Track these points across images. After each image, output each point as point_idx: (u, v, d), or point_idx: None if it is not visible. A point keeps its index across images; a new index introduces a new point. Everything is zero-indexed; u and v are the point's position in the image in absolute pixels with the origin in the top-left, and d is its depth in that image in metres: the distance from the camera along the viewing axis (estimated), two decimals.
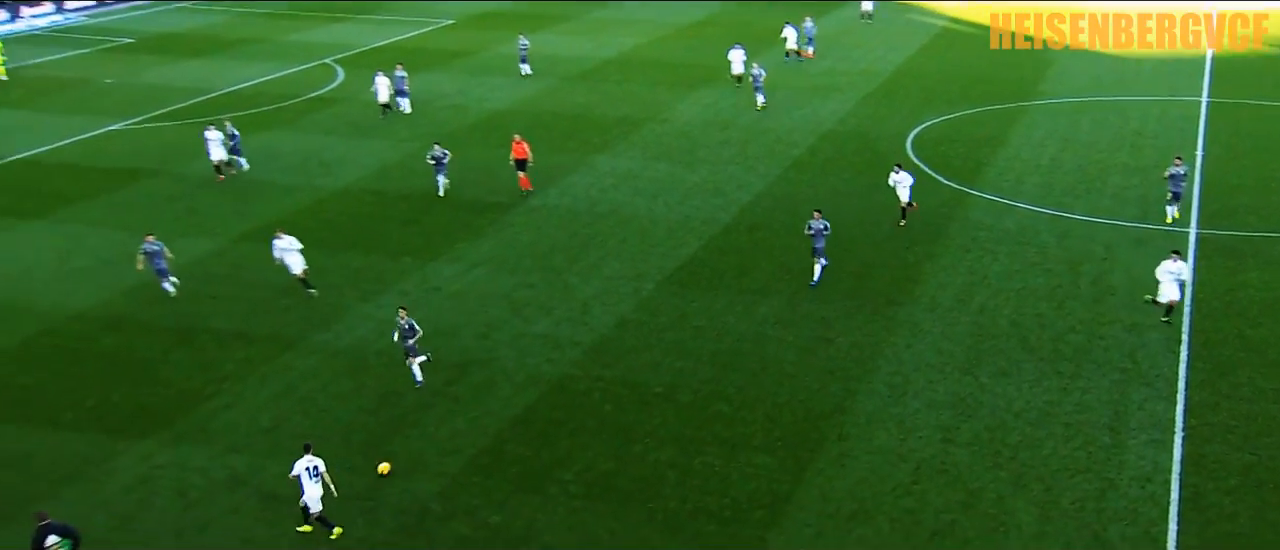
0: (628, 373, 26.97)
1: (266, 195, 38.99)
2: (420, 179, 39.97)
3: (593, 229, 35.74)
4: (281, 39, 65.08)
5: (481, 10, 73.89)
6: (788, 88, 52.45)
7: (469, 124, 47.28)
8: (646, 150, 43.58)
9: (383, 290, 31.37)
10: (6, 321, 29.71)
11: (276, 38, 65.42)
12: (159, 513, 21.85)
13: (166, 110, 49.73)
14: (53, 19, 71.24)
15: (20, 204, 38.00)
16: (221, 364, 27.41)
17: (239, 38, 65.31)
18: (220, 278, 32.16)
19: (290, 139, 45.36)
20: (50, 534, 19.18)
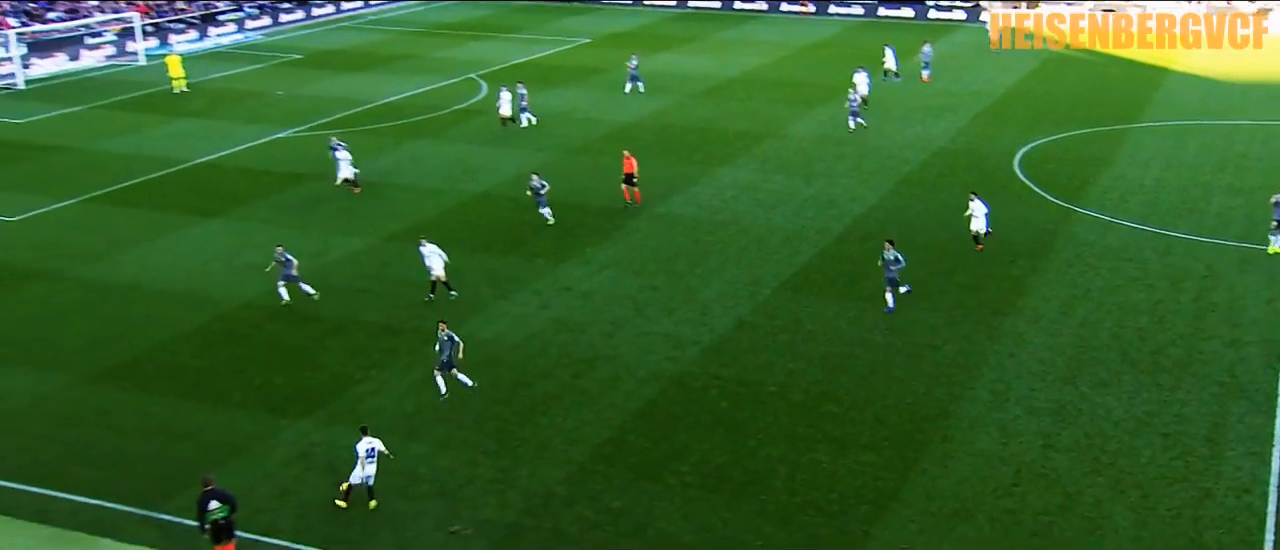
0: (743, 372, 26.88)
1: (414, 199, 39.74)
2: (555, 186, 40.33)
3: (714, 236, 35.70)
4: (430, 55, 66.26)
5: (616, 30, 74.32)
6: (902, 106, 51.76)
7: (601, 135, 47.59)
8: (766, 163, 43.39)
9: (518, 289, 31.75)
10: (185, 309, 30.76)
11: (426, 54, 66.64)
12: (313, 486, 22.41)
13: (328, 120, 51.00)
14: (235, 37, 73.56)
15: (202, 203, 39.30)
16: (370, 352, 28.01)
17: (393, 54, 66.68)
18: (370, 274, 32.86)
19: (437, 147, 46.16)
20: (212, 499, 19.83)
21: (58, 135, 49.01)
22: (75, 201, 39.62)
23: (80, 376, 26.94)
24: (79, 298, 31.52)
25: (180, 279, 32.78)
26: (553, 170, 42.20)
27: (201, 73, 61.90)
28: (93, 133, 49.24)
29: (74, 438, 24.24)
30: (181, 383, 26.64)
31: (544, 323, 29.55)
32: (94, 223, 37.36)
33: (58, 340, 28.85)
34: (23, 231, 36.77)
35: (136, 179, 42.19)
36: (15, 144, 47.69)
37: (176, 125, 50.33)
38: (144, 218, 37.89)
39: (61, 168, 43.93)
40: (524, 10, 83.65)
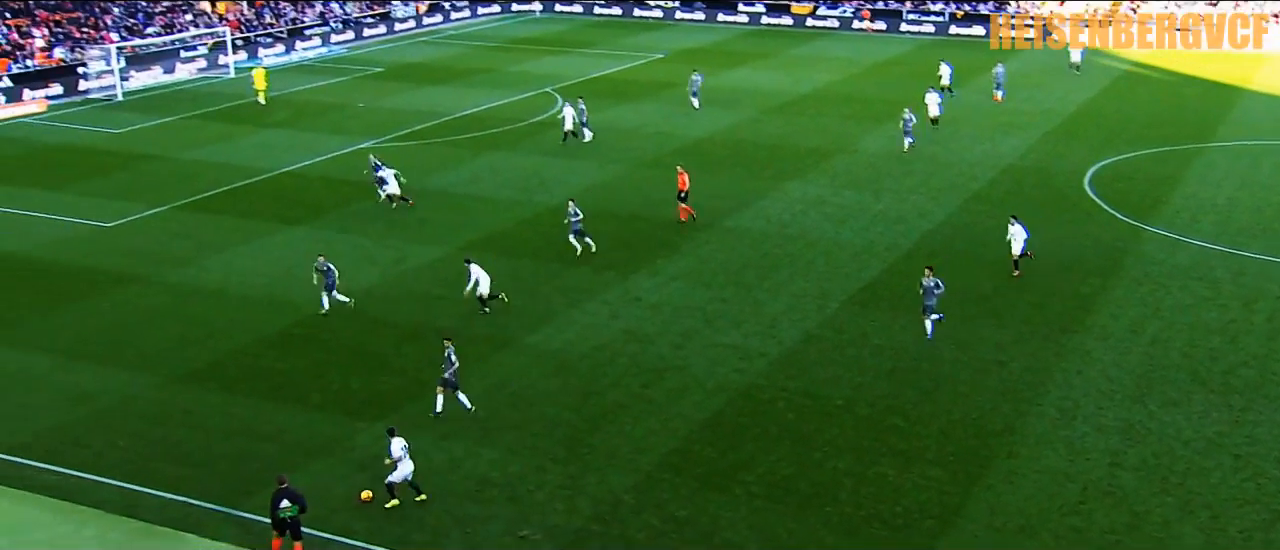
0: (810, 384, 26.69)
1: (489, 209, 40.03)
2: (626, 199, 40.45)
3: (783, 250, 35.52)
4: (507, 70, 66.80)
5: (690, 47, 74.37)
6: (971, 124, 51.17)
7: (673, 149, 47.61)
8: (835, 179, 43.11)
9: (588, 299, 31.83)
10: (268, 313, 31.25)
11: (503, 69, 67.18)
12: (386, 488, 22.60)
13: (407, 131, 51.60)
14: (319, 51, 74.78)
15: (286, 211, 39.92)
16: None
17: (471, 68, 67.31)
18: (446, 282, 33.13)
19: (512, 159, 46.48)
20: (283, 498, 20.13)
21: (151, 144, 50.12)
22: (165, 208, 40.45)
23: (167, 377, 27.47)
24: (167, 301, 32.17)
25: (263, 284, 33.32)
26: (624, 183, 42.36)
27: (287, 85, 62.98)
28: (184, 142, 50.28)
29: (161, 436, 24.72)
30: (263, 385, 27.05)
31: (614, 333, 29.59)
32: (183, 229, 38.11)
33: (147, 342, 29.46)
34: (116, 237, 37.62)
35: (223, 187, 43.00)
36: (112, 153, 48.86)
37: (263, 136, 51.23)
38: (230, 225, 38.60)
39: (154, 176, 44.91)
40: (599, 26, 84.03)
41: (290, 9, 78.03)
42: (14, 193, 42.58)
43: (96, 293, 32.72)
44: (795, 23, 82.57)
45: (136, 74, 63.71)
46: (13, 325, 30.55)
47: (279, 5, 78.17)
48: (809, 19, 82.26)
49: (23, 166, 46.79)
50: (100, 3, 69.84)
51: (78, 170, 45.84)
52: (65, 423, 25.29)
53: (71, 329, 30.26)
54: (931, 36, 77.68)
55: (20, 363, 28.29)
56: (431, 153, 47.54)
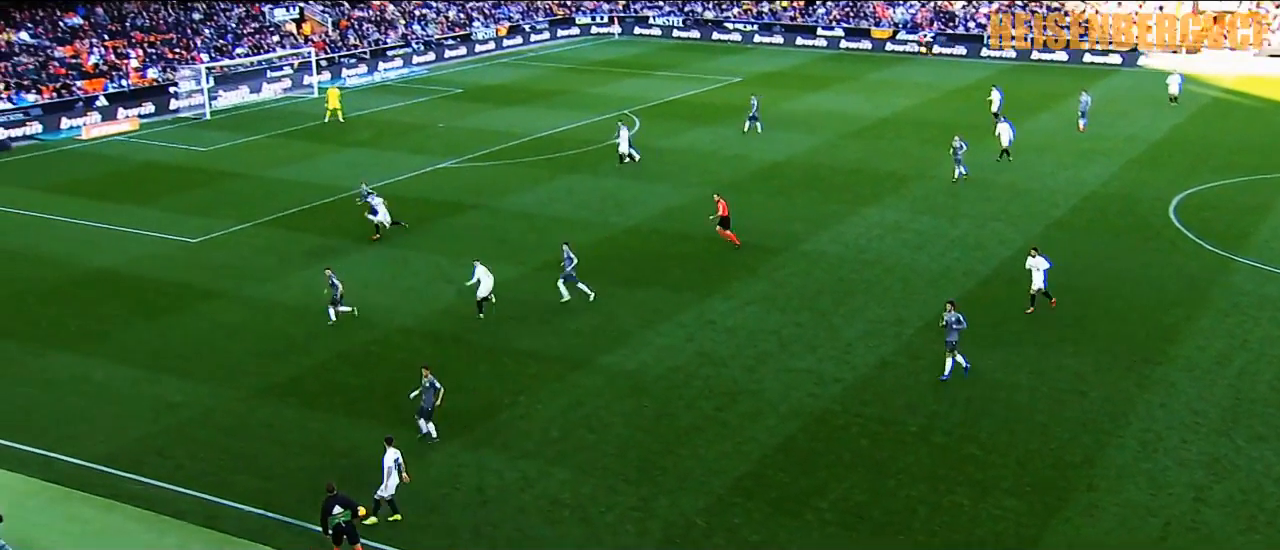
0: (885, 411, 26.38)
1: (566, 230, 40.18)
2: (702, 222, 40.42)
3: (859, 275, 35.22)
4: (586, 91, 67.20)
5: (767, 70, 74.27)
6: (1053, 150, 50.40)
7: (749, 173, 47.50)
8: (913, 204, 42.68)
9: (663, 320, 31.79)
10: (347, 330, 31.65)
11: (582, 90, 67.60)
12: (460, 506, 22.74)
13: (487, 151, 52.09)
14: (401, 72, 75.93)
15: (367, 230, 40.37)
16: (518, 378, 28.37)
17: (549, 89, 67.83)
18: (522, 302, 33.32)
19: (589, 181, 46.68)
20: (336, 504, 20.35)
21: (237, 162, 51.18)
22: (249, 225, 41.22)
23: (248, 390, 27.94)
24: (249, 316, 32.75)
25: (345, 300, 33.71)
26: (701, 206, 42.30)
27: (369, 105, 63.99)
28: (268, 160, 51.27)
29: (241, 449, 25.13)
30: (339, 400, 27.39)
31: (688, 355, 29.52)
32: (265, 245, 38.79)
33: (229, 355, 30.00)
34: (201, 253, 38.42)
35: (305, 205, 43.72)
36: (199, 170, 49.96)
37: (345, 155, 52.06)
38: (311, 242, 39.22)
39: (238, 193, 45.82)
40: (677, 49, 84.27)
41: (373, 30, 79.38)
42: (106, 208, 43.72)
43: (181, 307, 33.42)
44: (874, 47, 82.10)
45: (225, 93, 65.16)
46: (102, 338, 31.31)
47: (362, 27, 79.58)
48: (889, 43, 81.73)
49: (115, 183, 48.04)
50: (192, 24, 71.64)
51: (166, 187, 46.95)
52: (149, 433, 25.82)
53: (157, 342, 30.92)
54: (1013, 63, 76.73)
55: (108, 374, 28.97)
56: (509, 173, 47.94)
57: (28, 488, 23.49)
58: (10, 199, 45.45)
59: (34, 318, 32.76)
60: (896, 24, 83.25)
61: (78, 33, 66.25)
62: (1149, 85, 65.25)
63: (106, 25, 68.04)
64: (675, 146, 52.59)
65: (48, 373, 29.06)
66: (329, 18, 79.18)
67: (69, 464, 24.43)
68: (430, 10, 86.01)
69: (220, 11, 74.86)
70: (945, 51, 79.78)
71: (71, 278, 36.16)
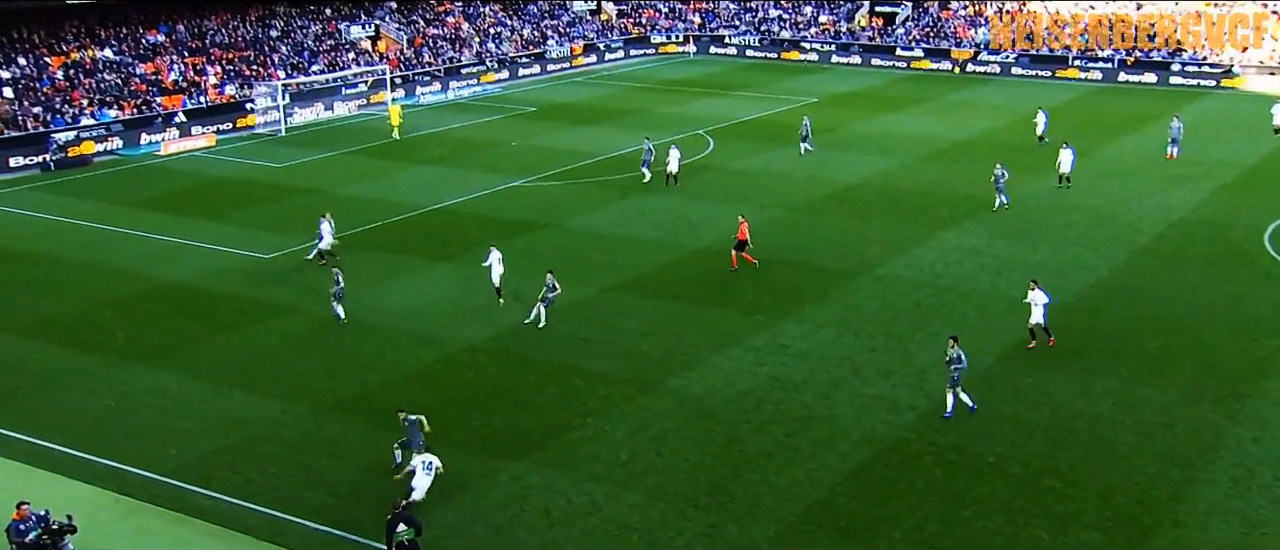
0: (961, 440, 25.96)
1: (637, 250, 40.24)
2: (776, 243, 40.21)
3: (935, 300, 34.78)
4: (659, 111, 67.32)
5: (842, 91, 73.90)
6: (1139, 174, 49.47)
7: (823, 195, 47.21)
8: (991, 229, 42.09)
9: (734, 344, 31.63)
10: (414, 347, 31.93)
11: (656, 110, 67.74)
12: (526, 528, 22.76)
13: (559, 170, 52.36)
14: (474, 90, 76.73)
15: (437, 247, 40.81)
16: (586, 399, 28.38)
17: (623, 109, 68.06)
18: (591, 322, 33.36)
19: (661, 201, 46.69)
20: (401, 522, 20.53)
21: (310, 179, 51.99)
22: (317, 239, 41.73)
23: (316, 407, 28.26)
24: (319, 332, 33.15)
25: (412, 318, 34.08)
26: (774, 228, 42.13)
27: (443, 122, 64.69)
28: (341, 177, 52.00)
29: (308, 465, 25.40)
30: None
31: (759, 379, 29.34)
32: (338, 262, 39.24)
33: (298, 371, 30.38)
34: (274, 268, 39.01)
35: (377, 222, 44.25)
36: (274, 186, 50.83)
37: (418, 172, 52.65)
38: (382, 259, 39.66)
39: (311, 209, 46.38)
40: (752, 69, 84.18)
41: (448, 48, 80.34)
42: (182, 223, 44.61)
43: (252, 322, 33.94)
44: (953, 68, 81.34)
45: (300, 110, 66.28)
46: (173, 352, 31.88)
47: (437, 44, 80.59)
48: (970, 64, 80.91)
49: (191, 198, 49.03)
50: (269, 41, 73.05)
51: (241, 202, 47.80)
52: (219, 448, 26.21)
53: (228, 356, 31.42)
54: (1099, 84, 75.54)
55: (179, 388, 29.48)
56: (580, 192, 48.11)
57: (102, 500, 23.94)
58: (90, 213, 46.59)
59: (110, 331, 33.47)
60: (977, 45, 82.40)
61: (159, 50, 67.89)
62: (1244, 109, 63.78)
63: (187, 42, 69.61)
64: (749, 167, 52.45)
65: (123, 386, 29.66)
66: (404, 35, 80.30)
67: (141, 476, 24.86)
68: (505, 28, 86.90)
69: (297, 29, 76.23)
70: (1026, 73, 78.77)
71: (147, 291, 36.91)
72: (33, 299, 36.28)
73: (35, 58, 62.87)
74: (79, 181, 52.78)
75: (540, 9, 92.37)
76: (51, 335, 33.11)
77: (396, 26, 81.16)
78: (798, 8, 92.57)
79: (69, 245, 42.25)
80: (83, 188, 51.51)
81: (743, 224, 38.43)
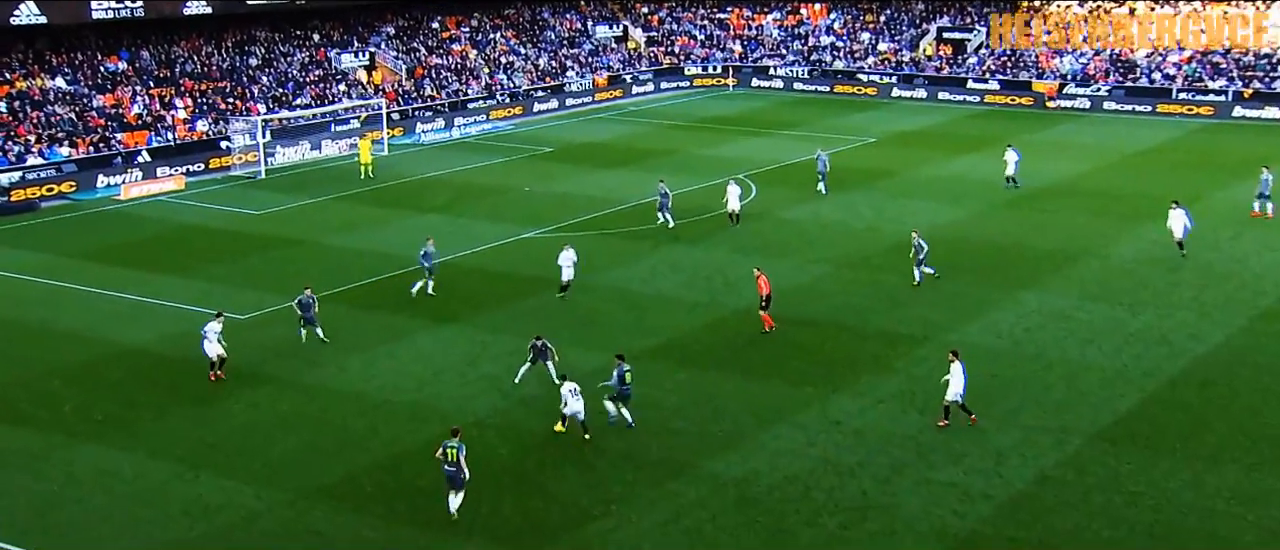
0: (1046, 535, 25.66)
1: (667, 310, 40.22)
2: (828, 304, 40.12)
3: (1014, 371, 34.56)
4: (695, 152, 67.58)
5: (906, 129, 74.03)
6: (1259, 227, 49.17)
7: (882, 248, 47.14)
8: (1082, 288, 41.88)
9: (779, 419, 31.48)
10: (411, 422, 31.91)
11: (690, 151, 68.01)
12: None
13: (577, 220, 52.54)
14: (483, 127, 77.38)
15: (437, 307, 40.93)
16: (610, 484, 28.25)
17: (652, 149, 68.37)
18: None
19: (697, 254, 46.75)
20: None
21: (294, 228, 52.39)
22: (297, 305, 41.88)
23: (295, 493, 28.23)
24: (300, 405, 33.23)
25: (408, 389, 34.11)
26: (826, 286, 42.08)
27: (447, 164, 65.17)
28: (330, 226, 52.37)
29: None
30: (401, 505, 27.51)
31: (809, 462, 29.16)
32: (323, 324, 39.38)
33: (275, 450, 30.41)
34: (249, 331, 39.18)
35: (370, 278, 44.47)
36: (250, 237, 51.24)
37: (416, 221, 52.95)
38: (374, 320, 39.80)
39: (294, 263, 46.80)
40: (803, 104, 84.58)
41: (453, 80, 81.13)
42: (142, 278, 44.97)
43: (223, 393, 34.05)
44: (1035, 103, 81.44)
45: (283, 150, 66.95)
46: (130, 427, 31.99)
47: (440, 75, 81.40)
48: (1055, 99, 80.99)
49: (154, 249, 49.46)
50: (248, 71, 73.94)
51: (213, 255, 48.16)
52: (183, 540, 26.18)
53: (194, 433, 31.50)
54: (1209, 120, 75.39)
55: (138, 469, 29.52)
56: (605, 245, 48.22)
57: None
58: (36, 266, 47.05)
59: (57, 403, 33.62)
60: (1063, 76, 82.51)
61: (119, 79, 68.76)
62: None
63: (152, 71, 70.54)
64: (796, 216, 52.48)
65: (71, 467, 29.71)
66: (403, 65, 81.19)
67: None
68: (518, 57, 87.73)
69: (280, 57, 77.17)
70: (1122, 107, 78.77)
71: (101, 357, 37.13)
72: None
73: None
74: (23, 230, 53.40)
75: (558, 36, 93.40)
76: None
77: (394, 55, 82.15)
78: (853, 34, 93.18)
79: (10, 303, 42.65)
80: (28, 237, 52.08)
81: (760, 277, 38.49)
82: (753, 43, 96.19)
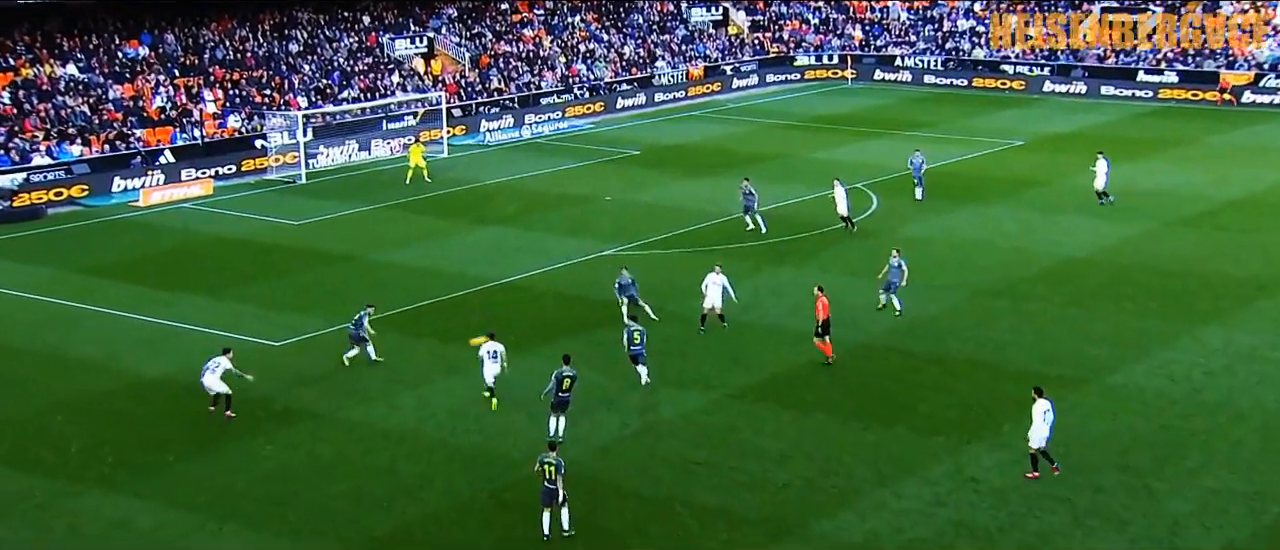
0: None
1: (772, 342, 40.08)
2: (963, 339, 39.78)
3: (1193, 424, 34.01)
4: (805, 156, 67.42)
5: (1061, 131, 73.39)
6: None
7: (1031, 274, 46.63)
8: (1278, 324, 41.17)
9: (905, 474, 31.18)
10: (473, 467, 31.87)
11: (799, 154, 67.87)
12: None
13: (666, 235, 52.60)
14: (557, 125, 77.76)
15: (504, 334, 40.66)
16: (701, 543, 28.19)
17: (754, 153, 68.26)
18: (709, 440, 33.18)
19: (805, 276, 46.39)
20: None
21: (338, 240, 52.97)
22: (350, 325, 42.27)
23: (340, 547, 28.45)
24: (345, 447, 33.48)
25: (470, 428, 34.26)
26: (962, 314, 41.74)
27: (514, 168, 65.61)
28: (379, 239, 52.86)
29: None
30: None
31: (939, 525, 28.92)
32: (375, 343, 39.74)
33: (316, 500, 30.62)
34: (287, 360, 39.62)
35: (426, 300, 44.78)
36: (289, 250, 51.86)
37: (480, 234, 53.33)
38: (430, 349, 40.07)
39: (338, 282, 47.26)
40: (933, 100, 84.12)
41: (524, 70, 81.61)
42: (165, 298, 45.63)
43: (256, 432, 34.39)
44: (1226, 102, 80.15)
45: (326, 150, 67.69)
46: (146, 471, 32.37)
47: (510, 65, 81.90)
48: (1252, 93, 79.58)
49: (177, 265, 50.22)
50: (288, 58, 74.84)
51: (244, 271, 48.77)
52: None
53: (219, 479, 31.80)
54: None
55: (154, 520, 29.85)
56: (695, 264, 48.09)
57: None
58: (41, 283, 47.92)
59: (62, 443, 34.08)
60: (1260, 65, 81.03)
61: (140, 67, 69.78)
62: None
63: (177, 57, 71.58)
64: (925, 232, 52.13)
65: (78, 517, 30.09)
66: (466, 53, 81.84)
67: None
68: (599, 45, 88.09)
69: (325, 43, 78.05)
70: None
71: (114, 390, 37.70)
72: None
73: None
74: (28, 240, 54.49)
75: (647, 20, 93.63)
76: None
77: (456, 41, 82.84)
78: (998, 17, 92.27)
79: (10, 326, 43.47)
80: (33, 249, 53.13)
81: (820, 298, 38.43)
82: (876, 28, 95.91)
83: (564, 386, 32.64)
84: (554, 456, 27.95)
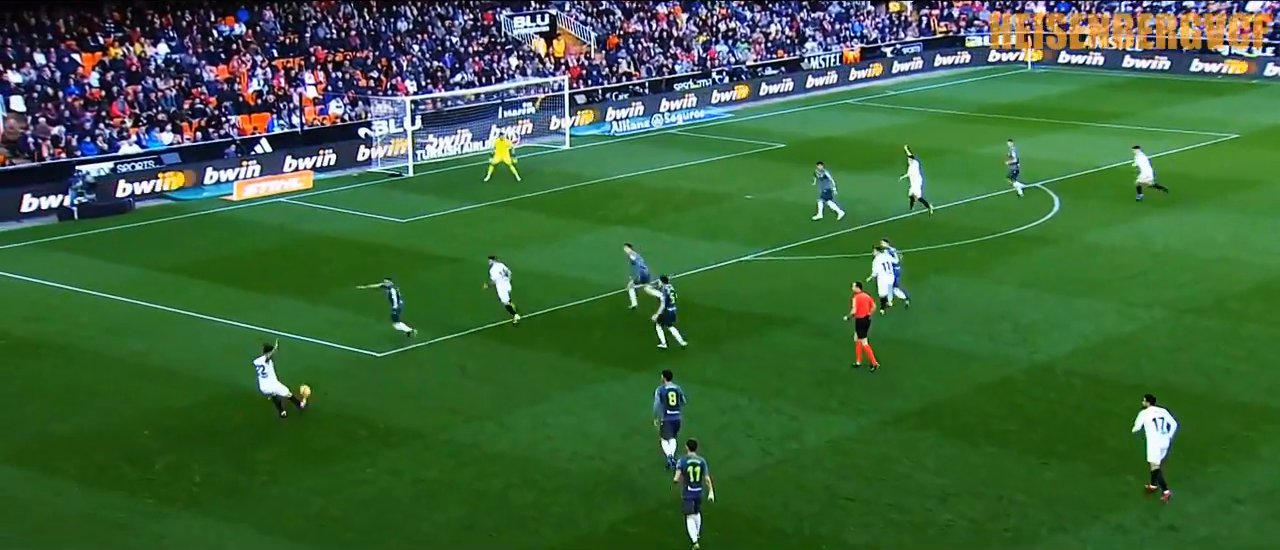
0: None
1: (933, 365, 39.67)
2: (1160, 361, 39.12)
3: None
4: (974, 151, 66.82)
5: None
6: None
7: (1242, 289, 45.74)
8: None
9: (1089, 519, 30.66)
10: (591, 494, 31.87)
11: (968, 150, 67.25)
12: None
13: (814, 238, 52.34)
14: (692, 115, 77.76)
15: (630, 347, 40.95)
16: None
17: (918, 147, 67.54)
18: (860, 472, 32.93)
19: (972, 289, 46.12)
20: None
21: (446, 240, 53.48)
22: (457, 336, 42.58)
23: None
24: (449, 471, 33.67)
25: (589, 452, 34.31)
26: (1160, 334, 41.14)
27: (644, 162, 65.67)
28: (491, 239, 53.08)
29: None
30: None
31: None
32: (482, 368, 39.91)
33: (416, 529, 30.83)
34: (387, 372, 40.01)
35: (544, 308, 44.92)
36: (393, 251, 52.38)
37: (603, 235, 53.46)
38: (548, 363, 40.20)
39: (444, 286, 47.62)
40: (1129, 87, 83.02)
41: (656, 52, 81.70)
42: (259, 301, 46.35)
43: (354, 453, 34.75)
44: None
45: (437, 139, 68.31)
46: (237, 492, 32.85)
47: (640, 47, 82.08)
48: None
49: (273, 265, 50.97)
50: (396, 37, 75.65)
51: (344, 273, 49.15)
52: None
53: (315, 503, 32.14)
54: None
55: (246, 546, 30.24)
56: (846, 272, 47.78)
57: None
58: (127, 283, 48.84)
59: (146, 459, 34.67)
60: None
61: (236, 47, 70.87)
62: None
63: (276, 36, 72.61)
64: (1116, 240, 51.39)
65: (162, 541, 30.61)
66: (592, 32, 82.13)
67: None
68: (742, 23, 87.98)
69: (436, 21, 78.74)
70: None
71: (204, 402, 38.27)
72: (37, 409, 38.05)
73: (59, 55, 66.30)
74: (113, 236, 55.64)
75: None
76: (61, 464, 34.48)
77: (581, 19, 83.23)
78: None
79: (93, 330, 44.35)
80: (118, 245, 54.22)
81: (857, 295, 38.39)
82: (1063, 4, 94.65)
83: (671, 402, 32.65)
84: (697, 456, 28.76)
